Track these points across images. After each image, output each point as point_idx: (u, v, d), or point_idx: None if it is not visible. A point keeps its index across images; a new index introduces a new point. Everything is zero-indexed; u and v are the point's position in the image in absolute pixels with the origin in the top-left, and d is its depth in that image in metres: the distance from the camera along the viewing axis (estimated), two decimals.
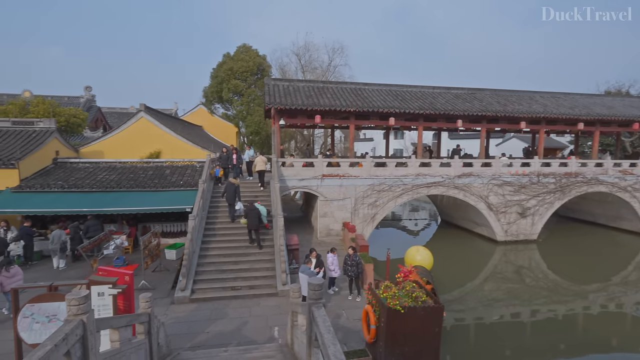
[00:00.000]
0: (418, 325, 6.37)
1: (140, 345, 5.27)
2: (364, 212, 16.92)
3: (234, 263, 11.47)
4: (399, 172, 17.28)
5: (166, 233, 15.49)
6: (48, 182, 14.67)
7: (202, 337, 8.21)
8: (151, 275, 11.72)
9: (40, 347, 2.96)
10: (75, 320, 3.46)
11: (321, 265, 9.78)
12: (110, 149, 19.27)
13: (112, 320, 4.47)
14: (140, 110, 19.95)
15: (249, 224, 11.96)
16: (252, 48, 28.49)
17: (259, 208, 12.30)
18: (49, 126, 16.75)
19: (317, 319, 3.52)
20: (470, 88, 20.62)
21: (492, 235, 18.85)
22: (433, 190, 17.67)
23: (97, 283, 5.89)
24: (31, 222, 13.06)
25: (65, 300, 3.51)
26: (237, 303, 9.94)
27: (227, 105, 31.22)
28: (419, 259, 12.30)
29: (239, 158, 16.81)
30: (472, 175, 17.93)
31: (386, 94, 18.64)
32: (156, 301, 9.93)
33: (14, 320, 5.59)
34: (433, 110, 16.87)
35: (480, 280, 15.23)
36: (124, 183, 15.14)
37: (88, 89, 32.02)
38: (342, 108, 15.98)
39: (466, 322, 11.41)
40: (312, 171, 16.35)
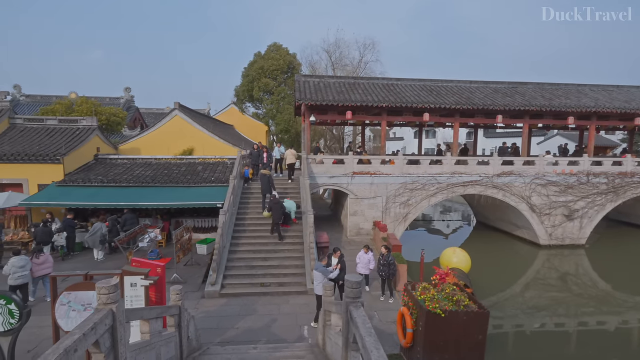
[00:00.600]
0: (460, 332, 5.86)
1: (170, 338, 5.18)
2: (395, 211, 16.34)
3: (263, 259, 11.37)
4: (433, 170, 16.54)
5: (197, 228, 15.73)
6: (89, 176, 15.34)
7: (232, 332, 8.11)
8: (183, 269, 11.87)
9: (69, 336, 2.85)
10: (105, 309, 3.34)
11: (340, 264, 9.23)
12: (147, 146, 19.95)
13: (143, 311, 4.37)
14: (174, 108, 20.51)
15: (273, 217, 11.93)
16: (282, 46, 28.57)
17: (288, 204, 12.14)
18: (91, 124, 17.56)
19: (356, 319, 3.19)
20: (511, 82, 19.42)
21: (534, 239, 17.61)
22: (470, 190, 16.76)
23: (130, 273, 5.89)
24: (73, 214, 13.68)
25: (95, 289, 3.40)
26: (266, 300, 9.80)
27: (257, 104, 31.53)
28: (455, 261, 11.65)
29: (269, 157, 16.53)
30: (513, 174, 16.83)
31: (420, 89, 17.93)
32: (187, 294, 10.01)
33: (52, 306, 5.69)
34: (470, 105, 15.99)
35: (521, 286, 14.22)
36: (159, 179, 15.54)
37: (127, 90, 33.51)
38: (374, 104, 15.51)
39: (504, 330, 10.59)
40: (342, 168, 16.00)
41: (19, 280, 8.47)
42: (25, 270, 8.62)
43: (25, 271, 8.60)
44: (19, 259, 8.58)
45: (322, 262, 8.59)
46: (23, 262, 8.61)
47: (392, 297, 9.79)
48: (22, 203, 13.49)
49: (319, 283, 8.13)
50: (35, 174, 14.99)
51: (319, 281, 8.16)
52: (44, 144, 15.97)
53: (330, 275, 8.34)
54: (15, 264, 8.44)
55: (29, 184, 14.99)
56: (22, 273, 8.53)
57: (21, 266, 8.53)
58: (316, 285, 8.26)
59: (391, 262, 9.53)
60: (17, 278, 8.43)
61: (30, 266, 8.79)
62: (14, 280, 8.42)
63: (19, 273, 8.49)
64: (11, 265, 8.42)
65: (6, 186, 14.86)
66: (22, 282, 8.57)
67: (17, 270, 8.43)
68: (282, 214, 11.99)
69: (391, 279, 9.69)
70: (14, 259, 8.53)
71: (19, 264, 8.48)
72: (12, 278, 8.40)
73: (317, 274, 8.22)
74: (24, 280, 8.61)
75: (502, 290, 13.37)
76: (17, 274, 8.42)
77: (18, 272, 8.43)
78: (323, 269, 8.29)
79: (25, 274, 8.60)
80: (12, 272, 8.37)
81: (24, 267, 8.57)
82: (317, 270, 8.25)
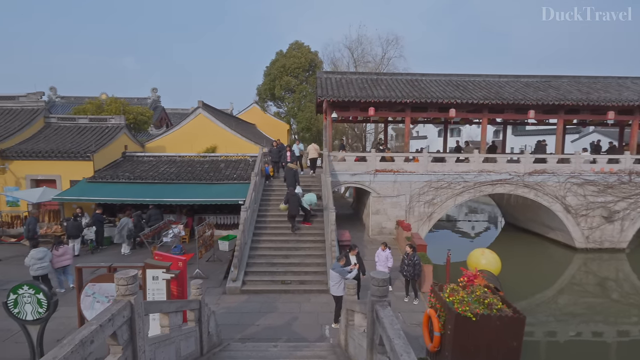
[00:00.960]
0: (493, 337, 5.47)
1: (191, 333, 5.11)
2: (419, 211, 15.85)
3: (284, 257, 11.26)
4: (459, 167, 15.91)
5: (220, 225, 15.88)
6: (117, 173, 15.80)
7: (252, 329, 8.02)
8: (205, 264, 11.96)
9: (86, 326, 2.77)
10: (123, 301, 3.27)
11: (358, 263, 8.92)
12: (172, 144, 20.38)
13: (162, 305, 4.30)
14: (198, 107, 20.84)
15: (289, 209, 11.83)
16: (304, 44, 28.53)
17: (309, 197, 12.01)
18: (119, 122, 18.11)
19: (383, 320, 2.94)
20: (544, 75, 18.42)
21: (569, 242, 16.60)
22: (498, 189, 16.01)
23: (152, 267, 5.90)
24: (102, 209, 14.11)
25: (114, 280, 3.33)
26: (287, 297, 9.67)
27: (279, 103, 31.67)
28: (484, 263, 11.08)
29: (292, 156, 16.06)
30: (546, 172, 15.92)
31: (445, 84, 17.31)
32: (209, 290, 10.04)
33: (77, 297, 5.77)
34: (500, 100, 15.25)
35: (554, 291, 13.40)
36: (183, 175, 15.80)
37: (154, 90, 34.52)
38: (397, 99, 15.09)
39: (536, 337, 9.94)
40: (365, 166, 15.68)
41: (39, 271, 8.84)
42: (44, 261, 8.95)
43: (44, 262, 8.94)
44: (38, 251, 8.94)
45: (340, 262, 8.30)
46: (42, 254, 8.93)
47: (416, 298, 9.42)
48: (55, 198, 14.05)
49: (336, 284, 7.88)
50: (68, 170, 15.60)
51: (335, 282, 7.89)
52: (76, 141, 16.61)
53: (348, 275, 8.05)
54: (35, 256, 8.79)
55: (61, 180, 15.63)
56: (42, 264, 8.87)
57: (40, 258, 8.86)
58: (332, 286, 7.98)
59: (416, 262, 9.16)
60: (37, 269, 8.80)
61: (49, 257, 9.12)
62: (34, 271, 8.79)
63: (38, 264, 8.81)
64: (31, 257, 8.79)
65: (41, 182, 15.56)
66: (41, 273, 8.91)
67: (36, 262, 8.78)
68: (299, 207, 11.85)
69: (416, 279, 9.32)
70: (33, 251, 8.90)
71: (37, 255, 8.83)
72: (32, 269, 8.78)
73: (333, 274, 7.92)
74: (43, 272, 8.95)
75: (534, 294, 12.65)
76: (37, 265, 8.77)
77: (37, 263, 8.78)
78: (340, 269, 7.98)
79: (44, 265, 8.94)
80: (31, 264, 8.74)
81: (42, 259, 8.91)
82: (334, 271, 7.96)
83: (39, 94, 17.89)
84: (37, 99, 17.86)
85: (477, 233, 22.20)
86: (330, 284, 8.01)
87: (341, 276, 7.84)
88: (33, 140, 16.44)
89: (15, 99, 17.88)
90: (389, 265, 9.76)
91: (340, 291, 7.89)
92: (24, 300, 5.68)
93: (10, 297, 5.58)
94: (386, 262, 9.75)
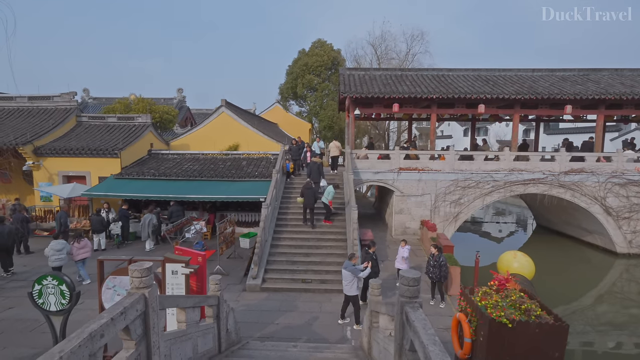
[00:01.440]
0: (531, 346, 5.00)
1: (209, 330, 4.96)
2: (445, 211, 15.23)
3: (304, 255, 11.05)
4: (488, 166, 15.17)
5: (241, 222, 15.89)
6: (143, 170, 16.13)
7: (272, 328, 7.84)
8: (226, 261, 11.94)
9: (97, 319, 2.63)
10: (137, 294, 3.12)
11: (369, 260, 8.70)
12: (195, 142, 20.67)
13: (178, 299, 4.16)
14: (221, 105, 21.03)
15: (305, 202, 11.80)
16: (326, 42, 28.28)
17: (326, 187, 12.11)
18: (145, 121, 18.53)
19: (414, 323, 2.63)
20: (581, 68, 17.28)
21: (610, 246, 15.47)
22: (531, 189, 15.13)
23: (171, 261, 5.81)
24: (128, 205, 14.43)
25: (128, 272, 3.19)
26: (307, 297, 9.44)
27: (301, 102, 31.56)
28: (516, 266, 10.43)
29: (312, 154, 15.56)
30: (584, 171, 14.90)
31: (474, 79, 16.58)
32: (229, 287, 9.97)
33: (98, 290, 5.76)
34: (534, 95, 14.40)
35: (592, 298, 12.47)
36: (205, 173, 15.93)
37: (180, 90, 35.31)
38: (423, 95, 14.56)
39: (570, 347, 9.18)
40: (388, 164, 15.24)
41: (56, 262, 9.16)
42: (62, 253, 9.27)
43: (62, 254, 9.25)
44: (57, 242, 9.26)
45: (353, 260, 8.00)
46: (60, 246, 9.23)
47: (443, 301, 8.94)
48: (85, 194, 14.50)
49: (349, 283, 7.67)
50: (97, 167, 16.09)
51: (348, 281, 7.67)
52: (105, 139, 17.11)
53: (360, 274, 7.82)
54: (54, 247, 9.12)
55: (91, 176, 16.13)
56: (60, 256, 9.20)
57: (59, 249, 9.18)
58: (345, 285, 7.75)
59: (442, 263, 8.70)
60: (54, 260, 9.13)
61: (67, 250, 9.45)
62: (52, 262, 9.11)
63: (56, 256, 9.10)
64: (50, 248, 9.13)
65: (72, 178, 16.12)
66: (59, 264, 9.21)
67: (55, 253, 9.11)
68: (315, 200, 11.76)
69: (442, 282, 8.84)
70: (53, 243, 9.23)
71: (57, 247, 9.16)
72: (50, 260, 9.11)
73: (346, 274, 7.69)
74: (60, 263, 9.27)
75: (569, 302, 11.79)
76: (54, 256, 9.10)
77: (55, 254, 9.12)
78: (352, 268, 7.74)
79: (62, 256, 9.25)
80: (50, 255, 9.07)
81: (61, 251, 9.23)
82: (345, 270, 7.72)
83: (72, 94, 18.59)
84: (70, 99, 18.57)
85: (505, 235, 21.17)
86: (344, 283, 7.83)
87: (354, 275, 7.66)
88: (65, 138, 17.08)
89: (49, 99, 18.66)
90: (404, 256, 9.75)
91: (354, 290, 7.74)
92: (48, 291, 5.73)
93: (35, 288, 5.64)
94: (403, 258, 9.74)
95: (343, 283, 7.82)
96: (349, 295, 7.80)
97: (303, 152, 16.21)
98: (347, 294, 7.81)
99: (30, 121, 17.62)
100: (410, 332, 2.76)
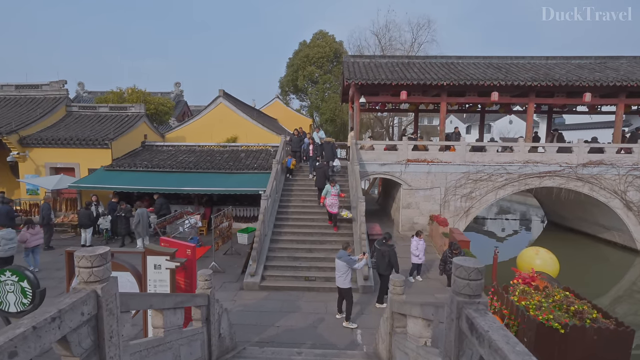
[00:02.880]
0: (587, 354, 4.11)
1: (196, 336, 4.07)
2: (455, 205, 14.35)
3: (307, 250, 10.16)
4: (501, 158, 14.29)
5: (239, 217, 15.00)
6: (135, 162, 15.22)
7: (272, 331, 6.95)
8: (222, 257, 11.05)
9: (7, 329, 1.72)
10: (84, 290, 2.22)
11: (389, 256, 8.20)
12: (192, 134, 19.75)
13: (152, 298, 3.25)
14: (218, 96, 20.11)
15: (316, 181, 11.83)
16: (328, 34, 27.37)
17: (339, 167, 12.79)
18: (139, 111, 17.61)
19: (488, 334, 1.74)
20: (598, 56, 16.39)
21: (630, 243, 14.60)
22: (547, 182, 14.25)
23: (154, 253, 4.92)
24: (118, 198, 13.51)
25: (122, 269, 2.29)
26: (311, 296, 8.55)
27: (301, 96, 30.65)
28: (538, 264, 9.51)
29: (316, 149, 13.80)
30: (603, 164, 14.02)
31: (485, 67, 15.68)
32: (225, 285, 9.09)
33: (66, 288, 4.87)
34: (551, 82, 13.51)
35: (610, 298, 11.60)
36: (201, 165, 15.03)
37: (177, 84, 34.31)
38: (432, 82, 13.66)
39: None
40: (395, 155, 14.35)
41: (9, 252, 8.85)
42: (14, 242, 8.98)
43: (13, 243, 8.95)
44: (8, 231, 8.95)
45: (348, 250, 7.30)
46: (12, 235, 8.97)
47: None
48: (72, 185, 13.59)
49: (343, 274, 7.04)
50: (86, 158, 15.18)
51: (342, 272, 7.04)
52: (95, 129, 16.19)
53: (355, 266, 7.15)
54: (5, 237, 8.77)
55: (80, 168, 15.22)
56: (11, 245, 8.88)
57: (10, 238, 8.86)
58: (338, 277, 7.11)
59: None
60: (7, 250, 8.80)
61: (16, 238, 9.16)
62: (5, 252, 8.77)
63: (9, 245, 8.82)
64: (1, 237, 8.71)
65: (60, 170, 15.21)
66: (11, 253, 8.92)
67: (7, 242, 8.79)
68: (326, 179, 11.51)
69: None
70: (4, 232, 8.88)
71: (8, 236, 8.84)
72: (2, 250, 8.72)
73: (340, 264, 7.04)
74: (12, 252, 8.94)
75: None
76: (7, 245, 8.79)
77: (8, 244, 8.81)
78: (348, 259, 7.06)
79: (13, 246, 8.94)
80: (2, 245, 8.68)
81: (12, 240, 8.92)
82: (340, 260, 7.05)
83: (62, 82, 17.66)
84: (60, 88, 17.64)
85: (511, 233, 20.29)
86: (337, 275, 7.15)
87: (348, 266, 7.04)
88: (54, 128, 16.15)
89: (38, 88, 17.73)
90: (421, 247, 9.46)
91: (347, 283, 7.12)
92: (7, 288, 4.84)
93: None
94: (416, 249, 9.36)
95: (336, 275, 7.17)
96: (343, 288, 7.17)
97: (304, 143, 15.25)
98: (340, 287, 7.19)
99: (17, 110, 16.69)
100: (477, 347, 1.87)
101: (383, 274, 7.93)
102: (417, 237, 9.61)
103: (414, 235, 9.73)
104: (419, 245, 9.50)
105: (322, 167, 11.82)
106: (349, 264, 7.04)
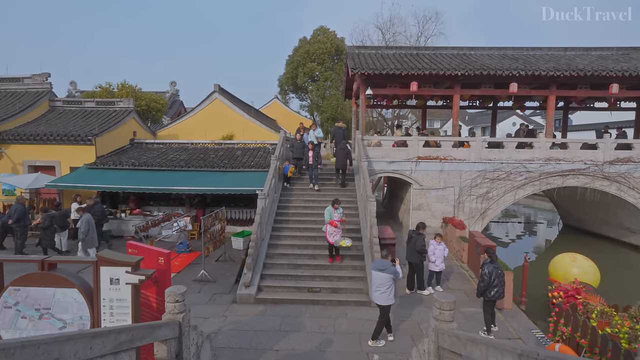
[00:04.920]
0: None
1: None
2: (470, 206, 13.15)
3: (310, 257, 8.91)
4: (520, 155, 13.11)
5: (234, 220, 13.77)
6: (121, 159, 13.98)
7: (269, 356, 5.68)
8: (213, 265, 9.79)
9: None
10: None
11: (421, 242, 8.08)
12: (185, 132, 18.57)
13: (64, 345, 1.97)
14: (214, 91, 18.96)
15: (336, 162, 11.63)
16: (329, 30, 26.28)
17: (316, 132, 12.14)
18: (128, 106, 16.43)
19: None
20: (620, 47, 15.33)
21: None
22: (570, 181, 13.08)
23: (108, 263, 3.66)
24: (101, 198, 12.26)
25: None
26: (316, 311, 7.29)
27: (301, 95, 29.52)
28: (576, 272, 8.31)
29: (316, 156, 11.85)
30: (632, 161, 12.87)
31: (500, 57, 14.56)
32: (215, 297, 7.82)
33: None
34: (575, 72, 12.38)
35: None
36: (193, 162, 13.81)
37: (173, 84, 33.12)
38: (446, 72, 12.51)
39: None
40: (405, 152, 13.16)
41: None
42: None
43: None
44: None
45: (388, 258, 6.11)
46: None
47: (494, 325, 6.65)
48: (49, 185, 12.34)
49: (387, 289, 5.79)
50: (68, 155, 13.95)
51: (386, 287, 5.78)
52: (79, 125, 14.98)
53: (400, 276, 6.02)
54: None
55: (61, 166, 14.00)
56: None
57: None
58: (381, 293, 5.84)
59: (500, 272, 6.45)
60: None
61: None
62: None
63: None
64: None
65: (39, 168, 13.97)
66: None
67: None
68: (347, 161, 11.53)
69: (501, 298, 6.59)
70: None
71: None
72: None
73: (381, 277, 5.80)
74: None
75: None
76: None
77: None
78: (393, 269, 5.85)
79: None
80: None
81: None
82: (383, 272, 5.79)
83: (44, 75, 16.47)
84: (42, 81, 16.44)
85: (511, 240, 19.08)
86: (373, 289, 5.98)
87: (395, 278, 5.85)
88: (34, 124, 14.93)
89: (19, 81, 16.53)
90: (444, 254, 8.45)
91: (392, 298, 5.89)
92: None
93: None
94: (442, 257, 8.31)
95: (376, 291, 5.90)
96: (384, 306, 5.91)
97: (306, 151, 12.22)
98: (381, 305, 5.92)
99: None
100: None
101: (413, 262, 8.10)
102: (435, 241, 8.42)
103: (433, 238, 8.53)
104: (436, 250, 8.31)
105: (343, 149, 11.50)
106: (395, 276, 5.86)
